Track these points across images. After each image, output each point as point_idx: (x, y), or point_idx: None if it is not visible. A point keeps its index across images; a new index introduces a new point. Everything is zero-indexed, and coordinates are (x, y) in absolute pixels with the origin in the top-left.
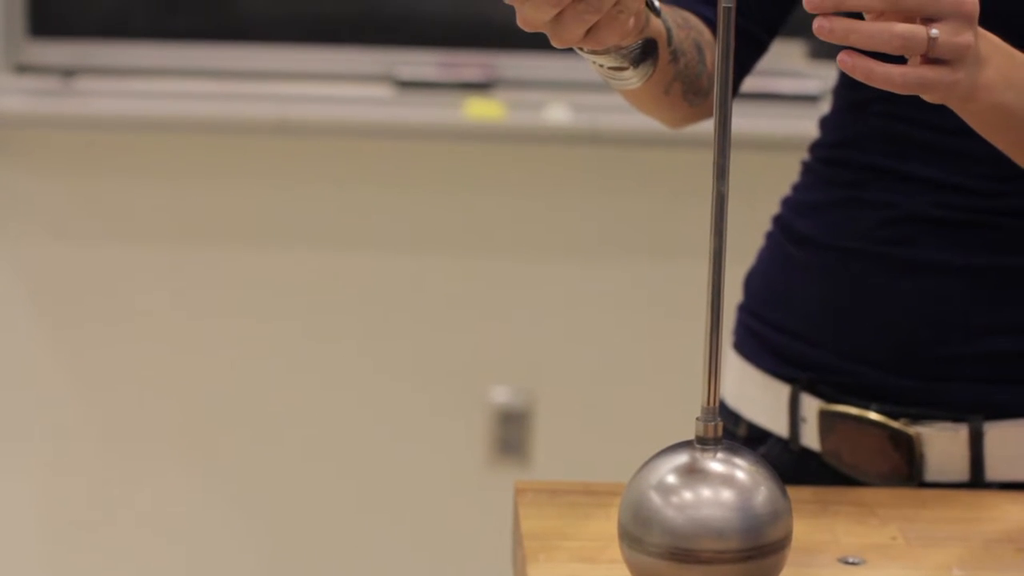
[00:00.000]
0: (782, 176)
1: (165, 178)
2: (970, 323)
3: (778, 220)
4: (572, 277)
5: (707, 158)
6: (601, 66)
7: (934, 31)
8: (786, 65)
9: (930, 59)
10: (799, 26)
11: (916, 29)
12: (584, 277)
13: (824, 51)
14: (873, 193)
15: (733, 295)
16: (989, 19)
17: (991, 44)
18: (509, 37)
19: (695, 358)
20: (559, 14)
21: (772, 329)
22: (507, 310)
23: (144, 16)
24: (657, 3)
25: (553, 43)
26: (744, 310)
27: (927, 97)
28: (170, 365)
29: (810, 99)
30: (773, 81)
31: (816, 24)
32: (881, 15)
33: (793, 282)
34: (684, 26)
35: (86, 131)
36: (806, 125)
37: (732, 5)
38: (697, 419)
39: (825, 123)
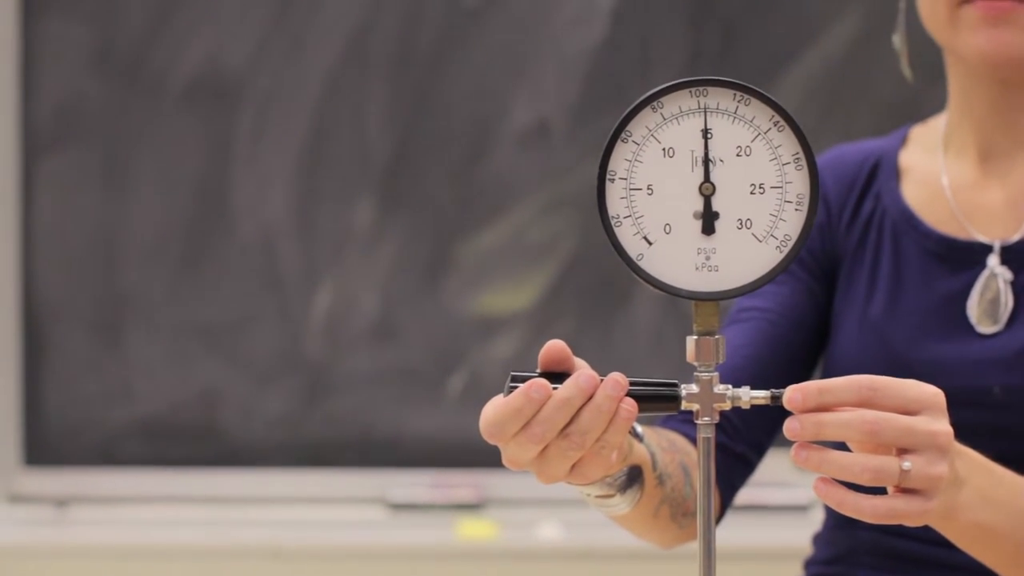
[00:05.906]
0: None
1: None
2: None
3: None
4: None
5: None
6: (588, 495)
7: (907, 463)
8: (774, 476)
9: (904, 488)
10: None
11: (888, 462)
12: None
13: None
14: None
15: None
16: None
17: (970, 463)
18: (499, 456)
19: None
20: (543, 452)
21: None
22: None
23: (136, 444)
24: (639, 429)
25: (539, 480)
26: None
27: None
28: None
29: (799, 509)
30: (762, 492)
31: (793, 452)
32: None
33: None
34: (669, 449)
35: (80, 560)
36: (797, 535)
37: (711, 436)
38: None
39: (817, 540)
